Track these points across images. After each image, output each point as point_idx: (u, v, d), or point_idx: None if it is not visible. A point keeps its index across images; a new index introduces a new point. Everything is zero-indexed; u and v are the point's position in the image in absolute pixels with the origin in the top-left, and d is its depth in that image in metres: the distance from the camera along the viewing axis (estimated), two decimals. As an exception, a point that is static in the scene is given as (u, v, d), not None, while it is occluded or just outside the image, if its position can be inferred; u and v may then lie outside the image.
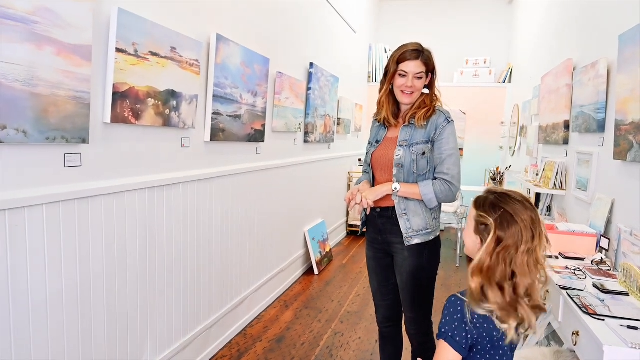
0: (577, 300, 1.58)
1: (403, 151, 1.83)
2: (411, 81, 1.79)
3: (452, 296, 1.14)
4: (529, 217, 1.08)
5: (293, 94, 3.59)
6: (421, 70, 1.79)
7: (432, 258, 1.87)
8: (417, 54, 1.79)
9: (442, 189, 1.77)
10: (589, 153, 2.57)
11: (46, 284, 1.53)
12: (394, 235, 1.87)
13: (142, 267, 2.01)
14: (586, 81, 2.63)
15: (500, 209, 1.10)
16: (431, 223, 1.83)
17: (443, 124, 1.81)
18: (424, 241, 1.81)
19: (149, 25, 1.86)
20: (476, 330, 1.09)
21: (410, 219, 1.81)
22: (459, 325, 1.10)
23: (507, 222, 1.08)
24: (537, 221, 1.09)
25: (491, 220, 1.09)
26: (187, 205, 2.30)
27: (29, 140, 1.40)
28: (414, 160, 1.81)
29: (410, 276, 1.85)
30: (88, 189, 1.65)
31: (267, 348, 2.76)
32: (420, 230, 1.81)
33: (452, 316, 1.11)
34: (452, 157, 1.80)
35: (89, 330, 1.72)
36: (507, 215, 1.09)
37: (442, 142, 1.80)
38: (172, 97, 2.06)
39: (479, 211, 1.13)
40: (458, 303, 1.12)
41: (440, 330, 1.13)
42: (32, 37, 1.38)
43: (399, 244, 1.86)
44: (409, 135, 1.84)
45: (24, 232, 1.44)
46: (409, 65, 1.78)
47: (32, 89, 1.39)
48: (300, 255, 4.11)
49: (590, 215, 2.43)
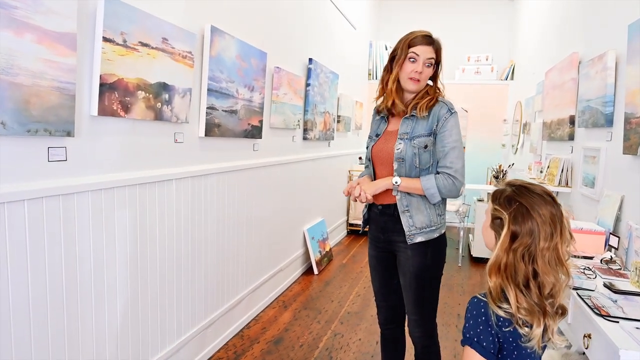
0: (589, 301, 1.50)
1: (404, 144, 1.74)
2: (421, 66, 1.71)
3: (474, 298, 1.06)
4: (548, 211, 1.00)
5: (291, 90, 3.51)
6: (432, 57, 1.72)
7: (436, 257, 1.79)
8: (429, 39, 1.72)
9: (445, 184, 1.69)
10: (596, 148, 2.49)
11: (28, 285, 1.45)
12: (396, 234, 1.79)
13: (132, 267, 1.93)
14: (593, 74, 2.54)
15: (516, 202, 1.02)
16: (435, 220, 1.75)
17: (445, 115, 1.73)
18: (428, 239, 1.73)
19: (138, 14, 1.78)
20: (502, 334, 1.01)
21: (412, 215, 1.73)
22: (485, 329, 1.01)
23: (522, 216, 1.00)
24: (558, 216, 1.01)
25: (505, 214, 1.02)
26: (180, 202, 2.23)
27: (8, 132, 1.33)
28: (416, 153, 1.73)
29: (414, 276, 1.77)
30: (74, 185, 1.57)
31: (264, 350, 2.68)
32: (424, 227, 1.73)
33: (476, 319, 1.03)
34: (455, 150, 1.71)
35: (76, 332, 1.64)
36: (523, 208, 1.01)
37: (445, 135, 1.72)
38: (164, 90, 1.98)
39: (495, 204, 1.06)
40: (481, 305, 1.03)
41: (465, 336, 1.04)
42: (11, 23, 1.30)
43: (402, 243, 1.77)
44: (410, 128, 1.75)
45: (4, 229, 1.36)
46: (420, 49, 1.71)
47: (11, 78, 1.32)
48: (299, 254, 4.03)
49: (598, 212, 2.34)
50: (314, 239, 4.26)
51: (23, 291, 1.43)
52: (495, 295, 1.00)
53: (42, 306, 1.50)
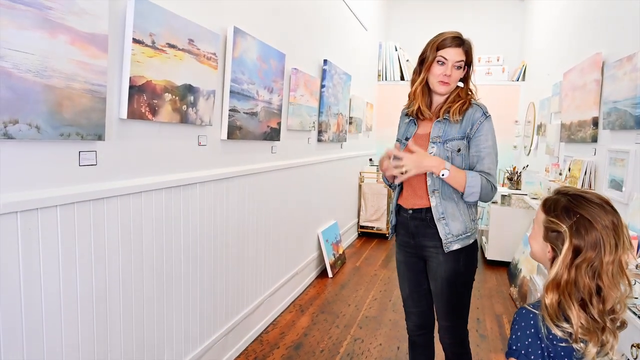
0: (635, 309, 1.46)
1: (437, 148, 1.71)
2: (450, 69, 1.67)
3: (522, 308, 1.01)
4: (610, 221, 0.94)
5: (308, 92, 3.48)
6: (461, 59, 1.68)
7: (469, 262, 1.75)
8: (459, 41, 1.67)
9: (487, 187, 1.65)
10: (624, 151, 2.44)
11: (60, 290, 1.42)
12: (427, 239, 1.75)
13: (158, 271, 1.89)
14: (621, 75, 2.50)
15: (576, 214, 0.96)
16: (470, 226, 1.71)
17: (480, 119, 1.69)
18: (463, 246, 1.69)
19: (166, 14, 1.75)
20: (552, 348, 0.95)
21: (449, 223, 1.69)
22: (534, 342, 0.96)
23: (585, 228, 0.94)
24: (619, 225, 0.95)
25: (564, 227, 0.96)
26: (203, 206, 2.19)
27: (42, 137, 1.29)
28: (449, 157, 1.69)
29: (446, 282, 1.73)
30: (103, 189, 1.54)
31: (285, 355, 2.64)
32: (460, 235, 1.69)
33: (525, 331, 0.98)
34: (491, 156, 1.68)
35: (105, 337, 1.61)
36: (585, 221, 0.95)
37: (481, 139, 1.68)
38: (189, 92, 1.94)
39: (550, 216, 0.99)
40: (530, 316, 0.98)
41: (511, 348, 0.99)
42: (46, 24, 1.27)
43: (433, 248, 1.73)
44: (442, 131, 1.72)
45: (37, 236, 1.33)
46: (449, 52, 1.67)
47: (45, 81, 1.28)
48: (313, 257, 3.99)
49: (628, 216, 2.29)
50: (327, 242, 4.22)
51: (55, 297, 1.40)
52: (552, 312, 0.95)
53: (73, 311, 1.47)
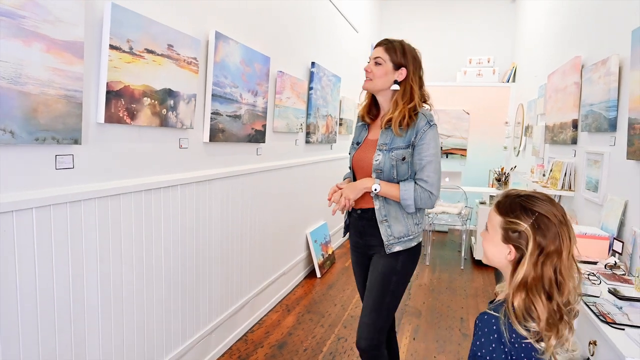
0: (594, 307, 1.51)
1: (382, 156, 1.73)
2: (370, 66, 1.77)
3: (484, 314, 1.00)
4: (561, 215, 0.98)
5: (294, 94, 3.52)
6: (379, 56, 1.76)
7: (407, 264, 1.77)
8: (384, 41, 1.78)
9: (422, 197, 1.68)
10: (599, 153, 2.50)
11: (36, 293, 1.46)
12: (374, 238, 1.78)
13: (138, 272, 1.94)
14: (596, 79, 2.55)
15: (534, 212, 0.98)
16: (413, 229, 1.75)
17: (424, 128, 1.70)
18: (405, 248, 1.73)
19: (144, 21, 1.79)
20: (515, 351, 0.96)
21: (391, 225, 1.73)
22: (497, 347, 0.96)
23: (544, 225, 0.96)
24: (567, 218, 0.99)
25: (526, 225, 0.97)
26: (185, 208, 2.23)
27: (17, 141, 1.33)
28: (394, 165, 1.71)
29: (381, 276, 1.74)
30: (80, 192, 1.58)
31: (268, 354, 2.68)
32: (402, 237, 1.73)
33: (488, 336, 0.97)
34: (432, 164, 1.69)
35: (82, 338, 1.65)
36: (543, 217, 0.97)
37: (423, 148, 1.69)
38: (169, 96, 1.99)
39: (509, 217, 1.01)
40: (493, 321, 0.98)
41: (476, 354, 0.98)
42: (20, 33, 1.31)
43: (379, 246, 1.76)
44: (389, 139, 1.74)
45: (12, 238, 1.37)
46: (373, 51, 1.80)
47: (20, 87, 1.33)
48: (302, 258, 4.03)
49: (602, 217, 2.35)
50: (316, 242, 4.27)
51: (31, 298, 1.44)
52: (519, 313, 0.95)
53: (50, 313, 1.51)
